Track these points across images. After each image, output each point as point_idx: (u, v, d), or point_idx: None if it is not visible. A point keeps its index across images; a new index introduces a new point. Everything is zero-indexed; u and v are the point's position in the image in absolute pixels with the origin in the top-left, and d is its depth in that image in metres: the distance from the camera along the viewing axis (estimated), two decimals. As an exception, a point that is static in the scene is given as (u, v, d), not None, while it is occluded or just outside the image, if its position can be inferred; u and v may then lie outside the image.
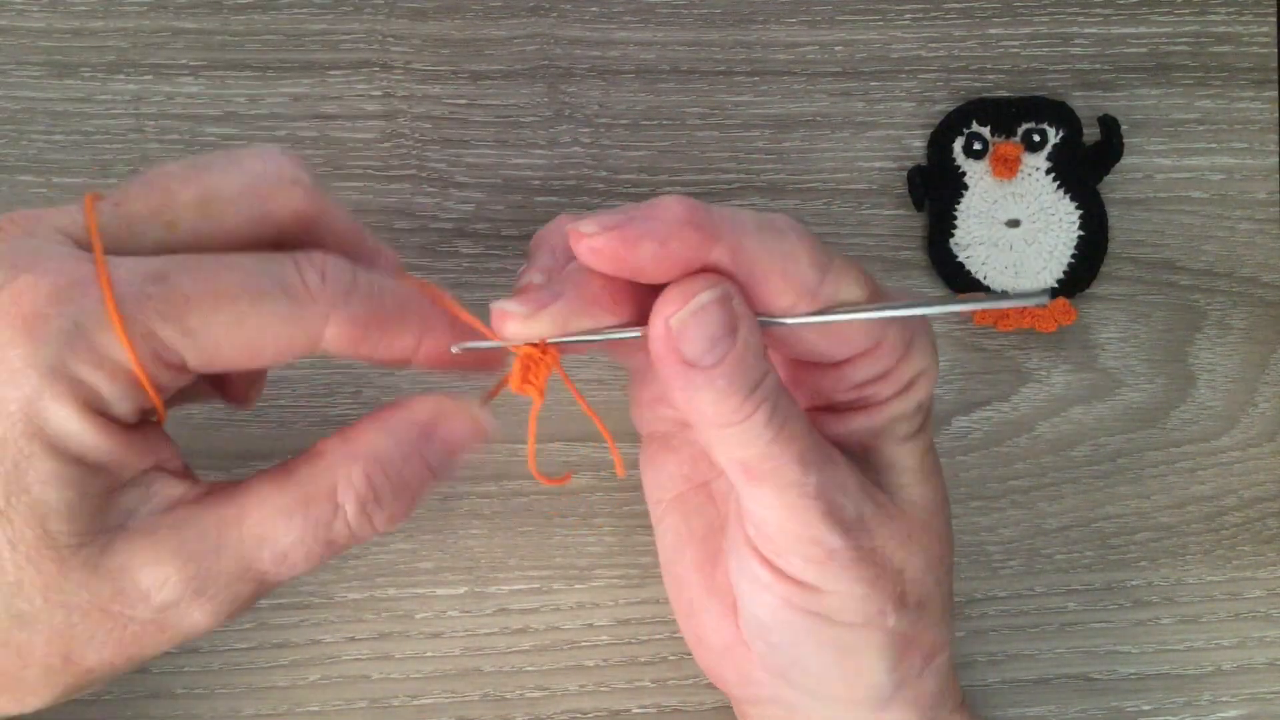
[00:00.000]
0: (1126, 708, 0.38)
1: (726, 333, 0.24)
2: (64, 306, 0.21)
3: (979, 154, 0.39)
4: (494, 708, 0.36)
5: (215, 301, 0.22)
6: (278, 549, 0.24)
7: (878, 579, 0.28)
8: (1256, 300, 0.40)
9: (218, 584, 0.23)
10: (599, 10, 0.39)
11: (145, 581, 0.23)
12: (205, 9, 0.37)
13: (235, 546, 0.23)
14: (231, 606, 0.24)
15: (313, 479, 0.24)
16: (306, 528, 0.24)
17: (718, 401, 0.25)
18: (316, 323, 0.23)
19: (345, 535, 0.24)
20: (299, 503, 0.24)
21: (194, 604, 0.23)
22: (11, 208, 0.36)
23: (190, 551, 0.23)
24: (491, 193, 0.38)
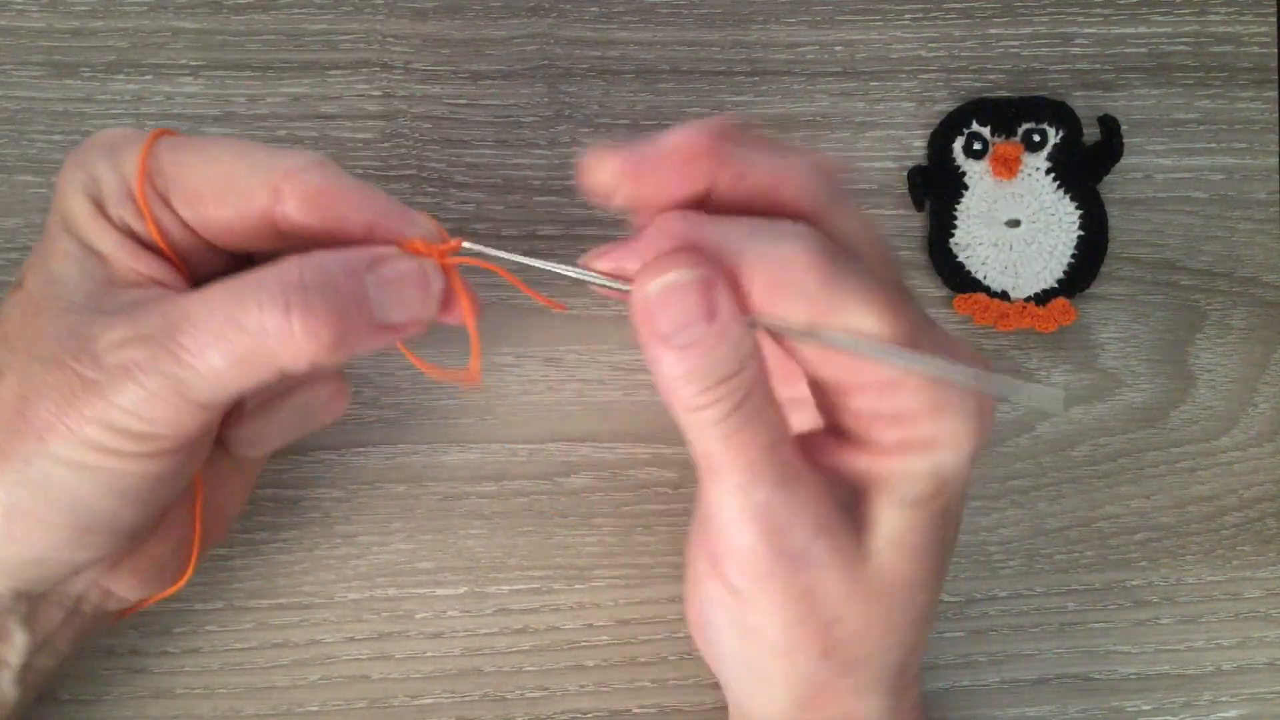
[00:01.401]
0: (1126, 708, 0.38)
1: (699, 318, 0.24)
2: (108, 142, 0.27)
3: (979, 154, 0.39)
4: (494, 708, 0.36)
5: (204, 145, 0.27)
6: (195, 322, 0.24)
7: (803, 619, 0.26)
8: (1256, 300, 0.40)
9: (145, 350, 0.24)
10: (599, 10, 0.39)
11: (99, 343, 0.25)
12: (205, 9, 0.37)
13: (165, 321, 0.25)
14: (155, 383, 0.24)
15: (252, 272, 0.25)
16: (224, 304, 0.24)
17: (679, 384, 0.25)
18: (274, 176, 0.25)
19: (258, 323, 0.24)
20: (229, 285, 0.25)
21: (124, 375, 0.24)
22: (11, 208, 0.36)
23: (136, 323, 0.25)
24: (491, 193, 0.38)
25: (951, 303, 0.38)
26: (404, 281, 0.26)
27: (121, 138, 0.27)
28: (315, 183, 0.26)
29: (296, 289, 0.24)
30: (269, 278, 0.24)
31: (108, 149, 0.27)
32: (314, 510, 0.36)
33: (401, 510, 0.36)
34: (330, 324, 0.24)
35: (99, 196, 0.27)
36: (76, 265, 0.26)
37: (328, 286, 0.24)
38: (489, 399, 0.37)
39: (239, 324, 0.24)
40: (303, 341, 0.24)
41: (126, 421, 0.25)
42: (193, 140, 0.27)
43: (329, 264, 0.25)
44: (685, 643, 0.36)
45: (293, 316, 0.24)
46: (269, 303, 0.24)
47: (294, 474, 0.36)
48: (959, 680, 0.37)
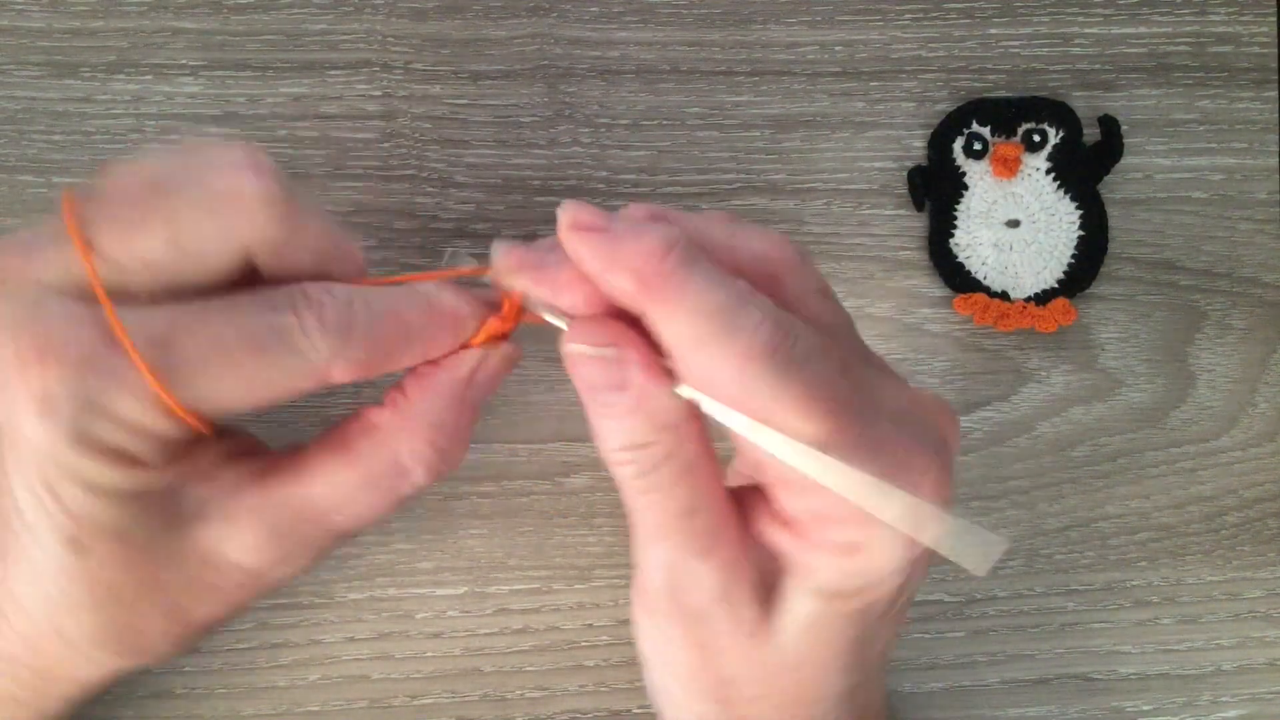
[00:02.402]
0: (1126, 708, 0.38)
1: (610, 388, 0.24)
2: (76, 382, 0.22)
3: (979, 154, 0.39)
4: (494, 708, 0.36)
5: (220, 365, 0.23)
6: (353, 514, 0.26)
7: (702, 668, 0.26)
8: (1256, 300, 0.40)
9: (298, 545, 0.26)
10: (599, 10, 0.39)
11: (233, 555, 0.25)
12: (205, 9, 0.37)
13: (311, 515, 0.26)
14: (314, 559, 0.27)
15: (378, 455, 0.26)
16: (378, 495, 0.26)
17: (598, 434, 0.25)
18: (321, 369, 0.24)
19: (414, 491, 0.27)
20: (369, 478, 0.26)
21: (281, 565, 0.26)
22: (11, 208, 0.36)
23: (268, 524, 0.25)
24: (491, 193, 0.38)
25: (951, 303, 0.38)
26: (497, 380, 0.27)
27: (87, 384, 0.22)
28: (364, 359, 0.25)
29: (432, 463, 0.26)
30: (407, 458, 0.26)
31: (83, 411, 0.22)
32: (314, 510, 0.36)
33: (401, 510, 0.36)
34: (465, 449, 0.27)
35: (124, 456, 0.23)
36: (126, 513, 0.24)
37: (454, 436, 0.26)
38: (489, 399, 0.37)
39: (398, 501, 0.27)
40: (443, 474, 0.27)
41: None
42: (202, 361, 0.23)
43: (442, 420, 0.26)
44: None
45: (443, 473, 0.27)
46: (424, 482, 0.27)
47: (294, 474, 0.36)
48: (959, 680, 0.37)
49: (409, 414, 0.26)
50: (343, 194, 0.37)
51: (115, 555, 0.24)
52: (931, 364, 0.39)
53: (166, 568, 0.25)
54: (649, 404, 0.24)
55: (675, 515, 0.25)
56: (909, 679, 0.37)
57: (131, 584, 0.25)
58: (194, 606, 0.26)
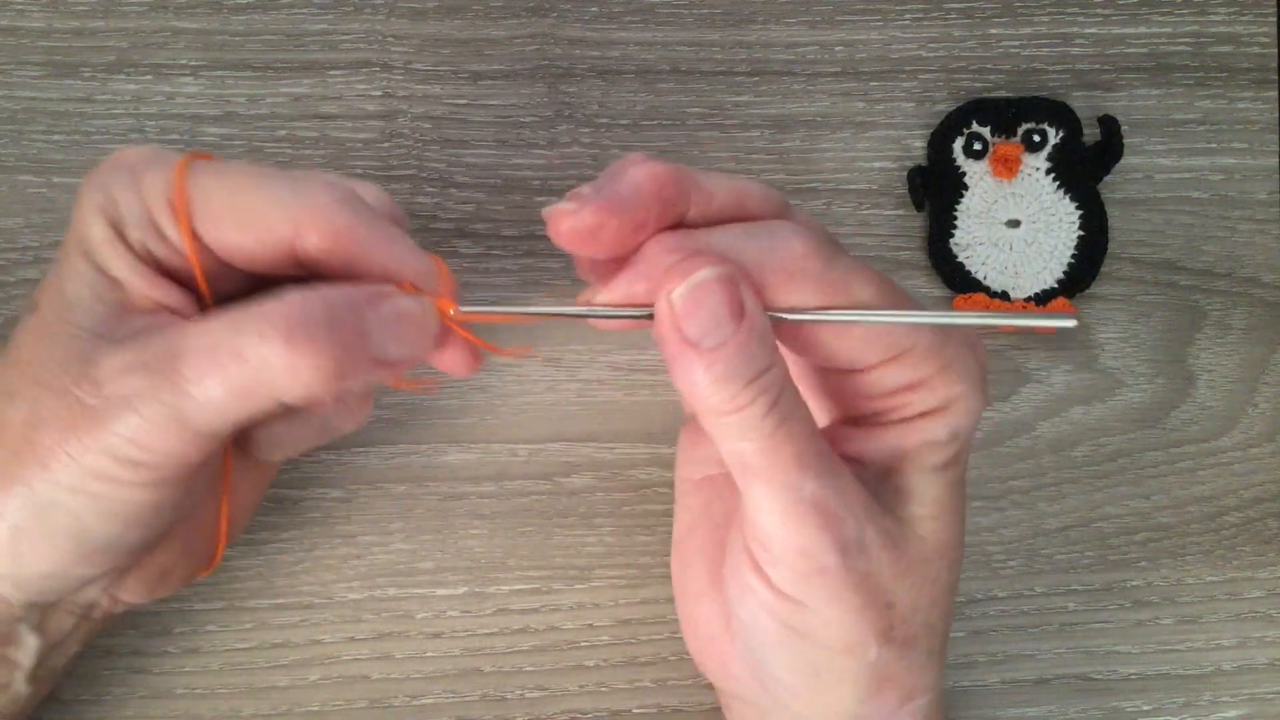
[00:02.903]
0: (1126, 708, 0.38)
1: (731, 314, 0.24)
2: (127, 162, 0.27)
3: (979, 154, 0.39)
4: (494, 708, 0.36)
5: (226, 173, 0.27)
6: (197, 351, 0.25)
7: (866, 607, 0.27)
8: (1256, 300, 0.40)
9: (146, 379, 0.25)
10: (599, 10, 0.39)
11: (102, 370, 0.25)
12: (205, 9, 0.37)
13: (168, 349, 0.25)
14: (155, 411, 0.25)
15: (255, 303, 0.25)
16: (226, 334, 0.24)
17: (715, 387, 0.24)
18: (299, 213, 0.26)
19: (259, 354, 0.24)
20: (231, 315, 0.25)
21: (124, 403, 0.25)
22: (11, 208, 0.36)
23: (139, 351, 0.25)
24: (491, 193, 0.38)
25: (951, 303, 0.38)
26: (402, 319, 0.26)
27: (140, 158, 0.27)
28: (336, 222, 0.26)
29: (299, 322, 0.24)
30: (271, 309, 0.24)
31: (127, 170, 0.27)
32: (314, 510, 0.36)
33: (401, 510, 0.36)
34: (331, 357, 0.24)
35: (118, 220, 0.26)
36: (89, 289, 0.26)
37: (329, 320, 0.25)
38: (489, 399, 0.37)
39: (239, 354, 0.24)
40: (303, 373, 0.24)
41: (126, 450, 0.25)
42: (216, 166, 0.27)
43: (331, 298, 0.25)
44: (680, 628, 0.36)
45: (294, 348, 0.24)
46: (270, 333, 0.24)
47: (294, 474, 0.36)
48: (959, 680, 0.37)
49: (292, 294, 0.25)
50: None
51: (47, 328, 0.26)
52: (931, 364, 0.38)
53: (57, 360, 0.25)
54: (763, 324, 0.25)
55: (810, 438, 0.26)
56: (909, 679, 0.37)
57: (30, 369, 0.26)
58: (43, 424, 0.25)
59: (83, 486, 0.25)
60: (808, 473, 0.25)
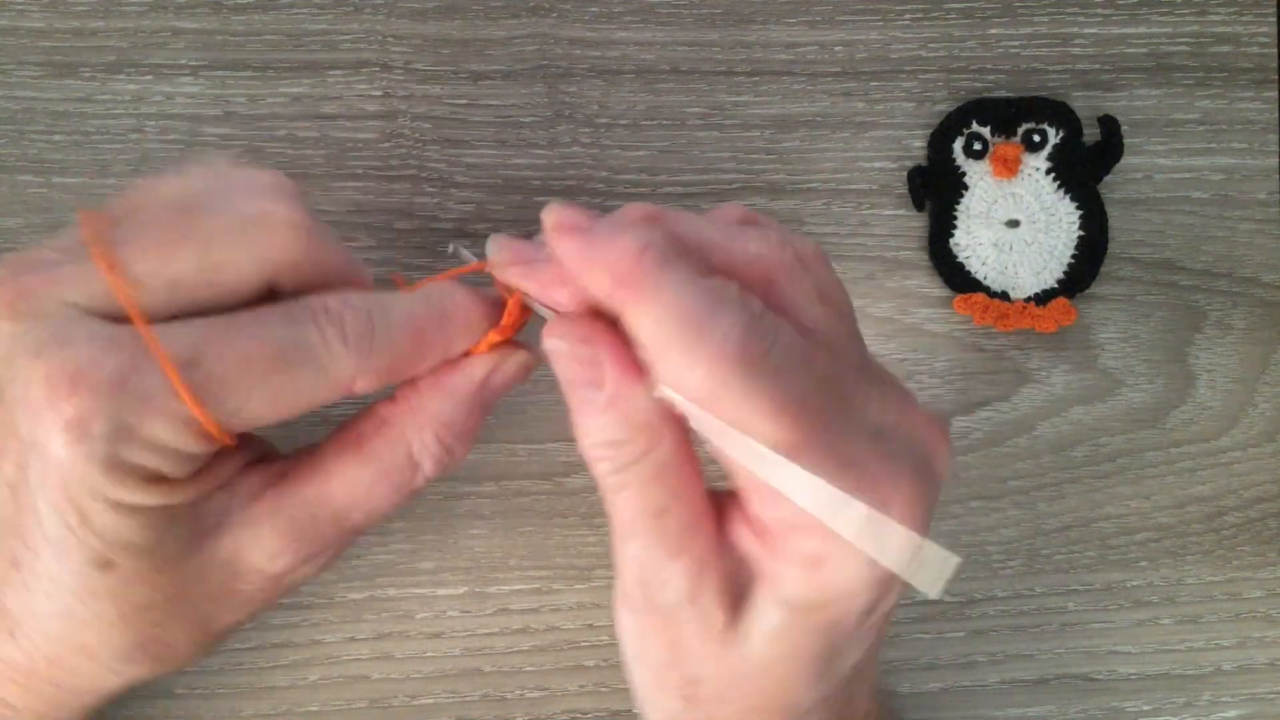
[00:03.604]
0: (1126, 708, 0.38)
1: (586, 384, 0.24)
2: (108, 407, 0.22)
3: (979, 154, 0.39)
4: (494, 708, 0.36)
5: (248, 382, 0.23)
6: (368, 509, 0.27)
7: (668, 665, 0.26)
8: (1256, 300, 0.40)
9: (319, 545, 0.26)
10: (599, 10, 0.39)
11: (255, 560, 0.26)
12: (205, 9, 0.37)
13: (329, 514, 0.26)
14: (332, 557, 0.27)
15: (389, 450, 0.26)
16: (391, 489, 0.27)
17: (577, 428, 0.25)
18: (345, 381, 0.25)
19: (424, 484, 0.27)
20: (381, 473, 0.26)
21: (301, 565, 0.26)
22: (11, 208, 0.36)
23: (287, 526, 0.26)
24: (491, 193, 0.38)
25: (951, 303, 0.38)
26: (510, 385, 0.28)
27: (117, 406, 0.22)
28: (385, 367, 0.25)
29: (446, 458, 0.27)
30: (418, 448, 0.27)
31: (114, 436, 0.22)
32: (314, 510, 0.36)
33: (402, 510, 0.36)
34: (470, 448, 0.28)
35: (155, 476, 0.23)
36: (153, 530, 0.24)
37: (462, 435, 0.27)
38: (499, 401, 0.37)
39: (410, 494, 0.27)
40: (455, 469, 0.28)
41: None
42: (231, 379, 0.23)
43: (452, 419, 0.27)
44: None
45: (449, 468, 0.27)
46: (432, 475, 0.27)
47: (294, 474, 0.36)
48: (959, 680, 0.37)
49: (419, 410, 0.27)
50: (343, 194, 0.37)
51: (142, 571, 0.24)
52: (931, 364, 0.39)
53: (192, 579, 0.25)
54: (624, 403, 0.24)
55: (647, 514, 0.25)
56: (909, 679, 0.37)
57: (159, 598, 0.25)
58: (219, 614, 0.26)
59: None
60: (634, 540, 0.25)
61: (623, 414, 0.24)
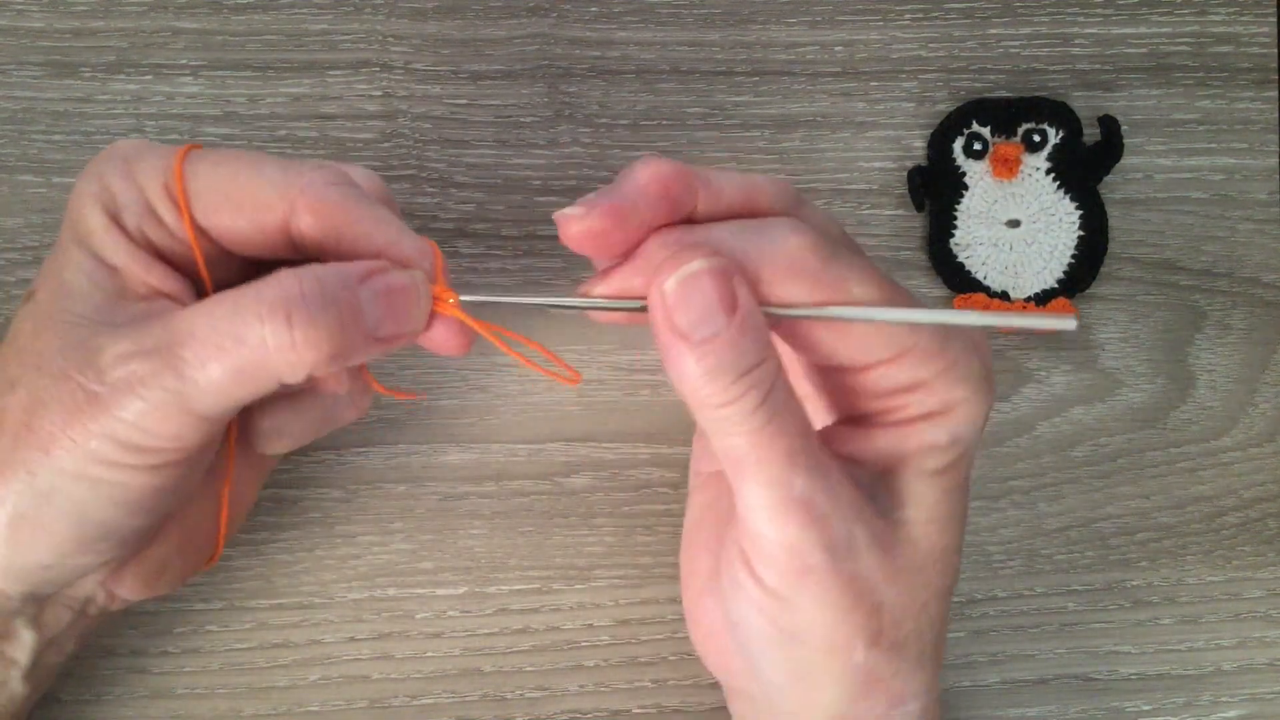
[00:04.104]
0: (1126, 708, 0.38)
1: (723, 307, 0.24)
2: (123, 154, 0.27)
3: (979, 154, 0.39)
4: (494, 708, 0.36)
5: (223, 160, 0.27)
6: (197, 335, 0.25)
7: (853, 608, 0.26)
8: (1256, 300, 0.40)
9: (148, 364, 0.25)
10: (599, 10, 0.39)
11: (104, 357, 0.25)
12: (205, 9, 0.37)
13: (168, 335, 0.25)
14: (157, 397, 0.25)
15: (251, 285, 0.25)
16: (224, 318, 0.25)
17: (706, 379, 0.24)
18: (291, 192, 0.26)
19: (258, 336, 0.24)
20: (227, 298, 0.25)
21: (126, 389, 0.25)
22: (11, 208, 0.36)
23: (140, 338, 0.25)
24: (491, 193, 0.38)
25: (952, 303, 0.38)
26: (395, 294, 0.26)
27: (135, 149, 0.28)
28: (328, 201, 0.26)
29: (297, 301, 0.24)
30: (268, 290, 0.25)
31: (121, 160, 0.27)
32: (314, 510, 0.36)
33: (401, 510, 0.36)
34: (330, 335, 0.25)
35: (114, 208, 0.27)
36: (87, 277, 0.27)
37: (325, 298, 0.25)
38: (489, 399, 0.37)
39: (239, 336, 0.24)
40: (303, 353, 0.25)
41: (129, 434, 0.25)
42: (211, 153, 0.27)
43: (325, 276, 0.25)
44: (685, 643, 0.36)
45: (294, 329, 0.24)
46: (269, 315, 0.24)
47: (294, 474, 0.36)
48: (959, 680, 0.37)
49: (286, 274, 0.25)
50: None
51: (45, 318, 0.26)
52: (931, 364, 0.38)
53: (57, 348, 0.26)
54: (755, 314, 0.25)
55: (799, 437, 0.25)
56: (909, 679, 0.37)
57: (30, 356, 0.26)
58: (44, 410, 0.25)
59: (85, 472, 0.25)
60: (797, 470, 0.25)
61: (754, 328, 0.25)
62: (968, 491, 0.29)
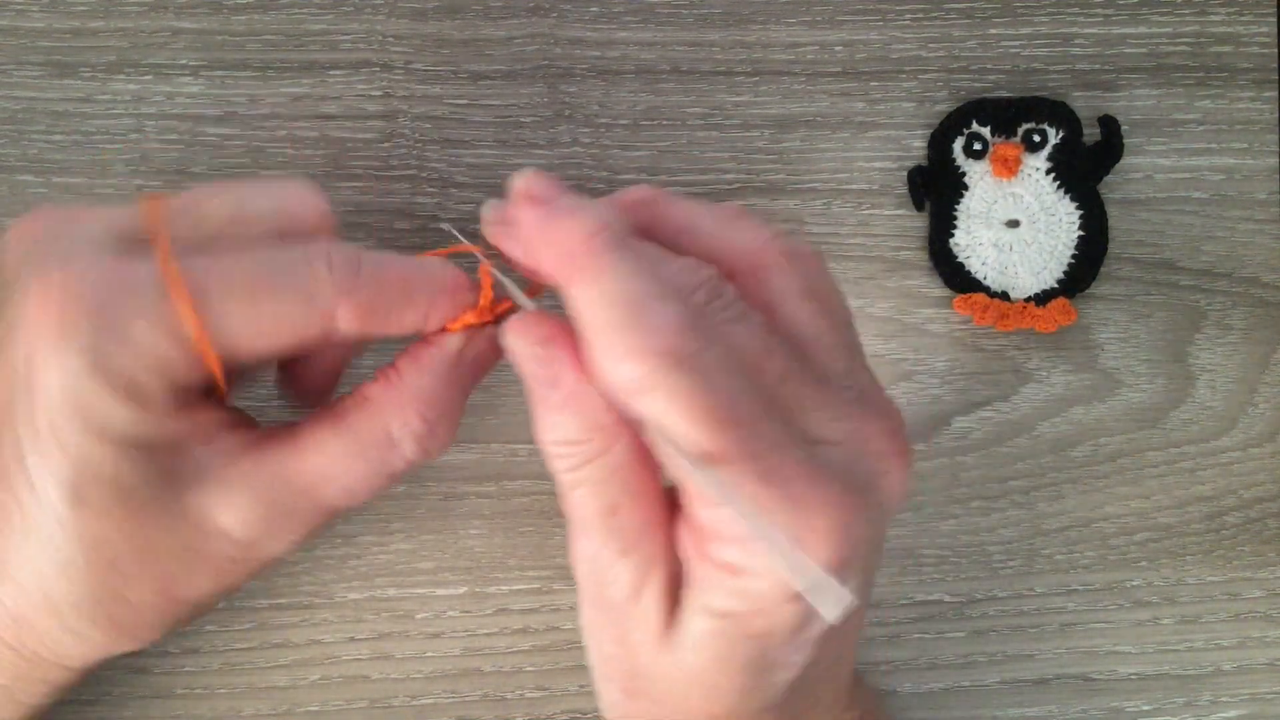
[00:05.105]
0: (1126, 708, 0.38)
1: (543, 382, 0.25)
2: (98, 304, 0.23)
3: (979, 154, 0.39)
4: (494, 708, 0.36)
5: (232, 295, 0.24)
6: (344, 485, 0.26)
7: (612, 658, 0.27)
8: (1256, 300, 0.40)
9: (290, 517, 0.26)
10: (599, 10, 0.39)
11: (225, 522, 0.25)
12: (205, 9, 0.37)
13: (303, 485, 0.26)
14: (305, 534, 0.27)
15: (368, 425, 0.26)
16: (369, 467, 0.26)
17: (534, 423, 0.25)
18: (327, 309, 0.25)
19: (404, 465, 0.27)
20: (359, 447, 0.26)
21: (272, 538, 0.26)
22: (11, 208, 0.36)
23: (261, 493, 0.25)
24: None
25: (951, 303, 0.38)
26: (486, 362, 0.28)
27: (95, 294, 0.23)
28: (368, 301, 0.26)
29: (427, 435, 0.27)
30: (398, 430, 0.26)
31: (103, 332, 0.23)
32: (314, 510, 0.36)
33: (401, 510, 0.36)
34: (453, 431, 0.27)
35: (135, 390, 0.23)
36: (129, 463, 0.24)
37: (443, 410, 0.27)
38: (489, 399, 0.37)
39: (389, 475, 0.27)
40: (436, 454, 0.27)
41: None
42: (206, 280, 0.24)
43: (436, 393, 0.27)
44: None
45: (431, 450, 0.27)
46: (411, 455, 0.27)
47: (294, 474, 0.36)
48: (959, 680, 0.37)
49: (399, 386, 0.27)
50: (343, 194, 0.37)
51: (112, 511, 0.24)
52: (931, 364, 0.39)
53: (159, 530, 0.25)
54: (580, 403, 0.24)
55: (600, 511, 0.25)
56: (909, 679, 0.37)
57: (125, 545, 0.24)
58: (184, 578, 0.26)
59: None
60: (585, 535, 0.26)
61: (578, 413, 0.24)
62: (777, 649, 0.25)
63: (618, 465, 0.25)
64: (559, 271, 0.24)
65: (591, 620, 0.27)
